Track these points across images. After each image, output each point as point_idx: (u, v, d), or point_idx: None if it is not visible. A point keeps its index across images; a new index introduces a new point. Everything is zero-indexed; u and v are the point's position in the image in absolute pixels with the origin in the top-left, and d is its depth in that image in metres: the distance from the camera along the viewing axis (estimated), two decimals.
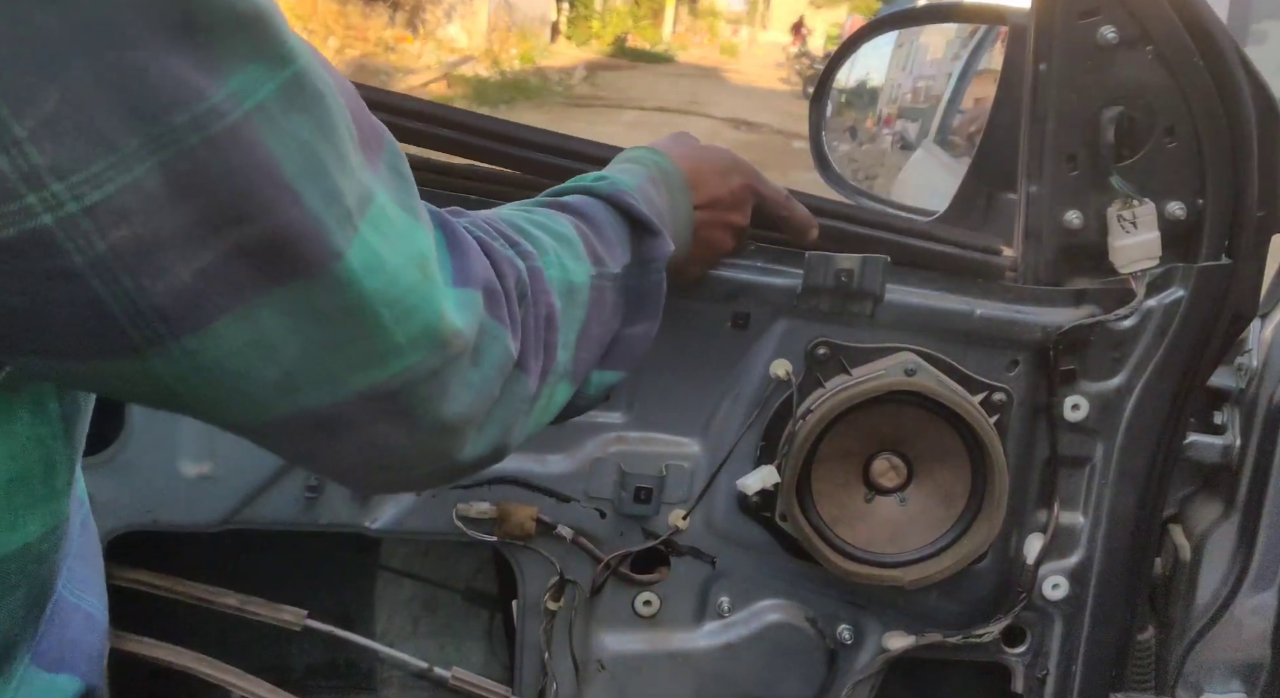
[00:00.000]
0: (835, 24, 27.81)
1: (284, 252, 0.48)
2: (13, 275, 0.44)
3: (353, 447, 0.58)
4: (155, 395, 0.51)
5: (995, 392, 1.23)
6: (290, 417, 0.54)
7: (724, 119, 14.86)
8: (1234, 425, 1.27)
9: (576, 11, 26.43)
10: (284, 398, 0.53)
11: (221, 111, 0.45)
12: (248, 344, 0.49)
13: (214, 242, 0.46)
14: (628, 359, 0.84)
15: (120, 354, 0.47)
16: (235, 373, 0.50)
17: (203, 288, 0.47)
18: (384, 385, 0.55)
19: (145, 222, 0.44)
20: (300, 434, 0.56)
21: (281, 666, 1.49)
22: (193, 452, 1.19)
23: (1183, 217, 1.17)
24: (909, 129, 2.27)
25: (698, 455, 1.26)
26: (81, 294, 0.45)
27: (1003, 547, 1.28)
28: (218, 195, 0.46)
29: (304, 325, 0.51)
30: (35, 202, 0.42)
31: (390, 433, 0.58)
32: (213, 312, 0.48)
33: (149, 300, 0.46)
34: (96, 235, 0.44)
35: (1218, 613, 1.28)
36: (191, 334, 0.48)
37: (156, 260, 0.45)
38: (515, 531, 1.24)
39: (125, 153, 0.43)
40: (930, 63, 2.23)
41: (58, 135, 0.42)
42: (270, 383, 0.51)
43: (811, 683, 1.33)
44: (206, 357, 0.49)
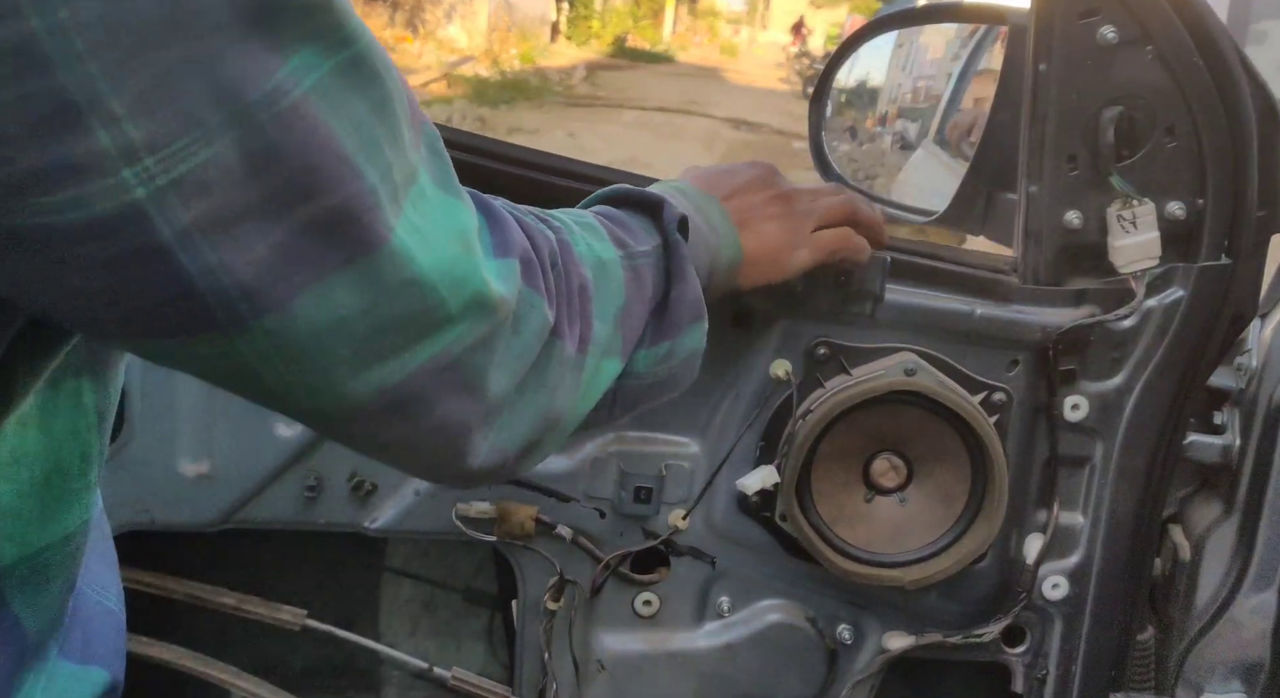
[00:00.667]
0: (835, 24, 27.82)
1: (349, 226, 0.50)
2: (104, 255, 0.45)
3: (426, 428, 0.59)
4: (238, 376, 0.53)
5: (995, 392, 1.23)
6: (366, 398, 0.55)
7: (724, 119, 14.86)
8: (1234, 425, 1.27)
9: (576, 11, 26.42)
10: (358, 377, 0.54)
11: (284, 90, 0.47)
12: (324, 322, 0.51)
13: (287, 217, 0.48)
14: (671, 327, 0.85)
15: (205, 330, 0.49)
16: (314, 353, 0.52)
17: (280, 264, 0.49)
18: (444, 355, 0.57)
19: (224, 195, 0.46)
20: (377, 418, 0.57)
21: (280, 665, 1.48)
22: (192, 451, 1.19)
23: (1182, 216, 1.17)
24: (909, 129, 2.27)
25: (697, 455, 1.25)
26: (169, 270, 0.46)
27: (1002, 547, 1.28)
28: (286, 170, 0.48)
29: (372, 300, 0.52)
30: (130, 176, 0.44)
31: (455, 409, 0.60)
32: (290, 289, 0.49)
33: (231, 275, 0.47)
34: (182, 208, 0.45)
35: (1217, 613, 1.28)
36: (271, 313, 0.49)
37: (236, 235, 0.47)
38: (515, 530, 1.24)
39: (207, 128, 0.45)
40: (930, 62, 2.23)
41: (150, 112, 0.44)
42: (345, 362, 0.53)
43: (811, 683, 1.33)
44: (286, 335, 0.50)
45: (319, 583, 1.45)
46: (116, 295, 0.47)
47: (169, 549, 1.34)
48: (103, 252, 0.45)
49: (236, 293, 0.48)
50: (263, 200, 0.47)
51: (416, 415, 0.58)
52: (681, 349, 0.87)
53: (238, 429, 1.19)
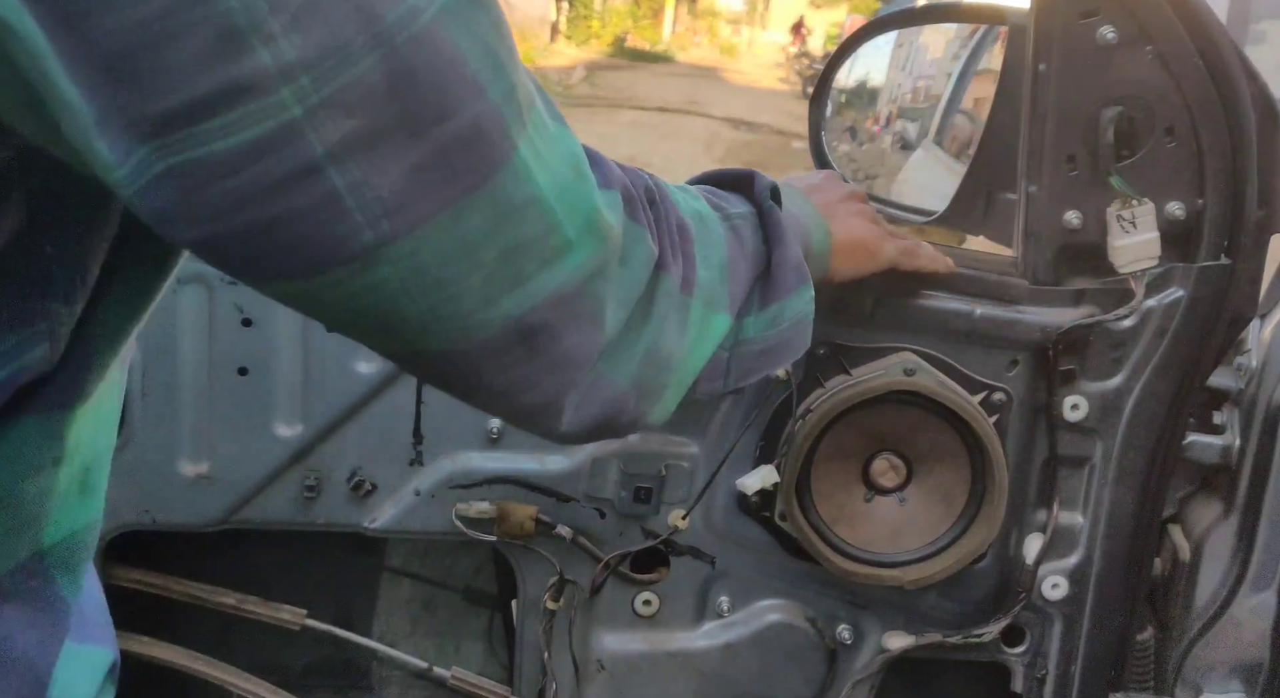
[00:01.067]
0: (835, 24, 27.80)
1: (478, 146, 0.51)
2: (269, 178, 0.47)
3: (550, 362, 0.60)
4: (376, 313, 0.53)
5: (995, 392, 1.23)
6: (497, 330, 0.56)
7: (723, 119, 14.86)
8: (1233, 426, 1.27)
9: (576, 11, 26.42)
10: (489, 307, 0.55)
11: (418, 9, 0.48)
12: (455, 246, 0.52)
13: (423, 138, 0.49)
14: (777, 290, 0.86)
15: (351, 258, 0.50)
16: (448, 279, 0.52)
17: (417, 185, 0.50)
18: (565, 283, 0.58)
19: (367, 115, 0.47)
20: (506, 352, 0.57)
21: (280, 665, 1.48)
22: (191, 452, 1.19)
23: (1182, 216, 1.17)
24: (909, 129, 2.26)
25: (697, 455, 1.26)
26: (323, 188, 0.48)
27: (1002, 547, 1.28)
28: (422, 90, 0.49)
29: (499, 224, 0.53)
30: (288, 94, 0.45)
31: (579, 341, 0.61)
32: (426, 212, 0.50)
33: (375, 193, 0.48)
34: (332, 125, 0.47)
35: (1217, 613, 1.28)
36: (408, 235, 0.50)
37: (379, 154, 0.48)
38: (515, 530, 1.24)
39: (351, 48, 0.46)
40: (930, 62, 2.23)
41: (303, 31, 0.45)
42: (475, 290, 0.54)
43: (811, 683, 1.33)
44: (421, 260, 0.51)
45: (319, 583, 1.45)
46: (277, 222, 0.48)
47: (169, 549, 1.34)
48: (266, 175, 0.46)
49: (379, 209, 0.49)
50: (401, 121, 0.48)
51: (543, 347, 0.59)
52: (790, 312, 0.88)
53: (237, 430, 1.19)
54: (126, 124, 0.45)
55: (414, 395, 1.21)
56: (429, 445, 1.23)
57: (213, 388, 1.17)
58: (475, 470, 1.24)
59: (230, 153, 0.46)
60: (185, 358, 1.16)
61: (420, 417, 1.22)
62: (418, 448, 1.23)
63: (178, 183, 0.46)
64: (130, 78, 0.44)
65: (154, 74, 0.44)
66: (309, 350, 1.18)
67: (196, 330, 1.15)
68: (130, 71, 0.44)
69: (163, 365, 1.16)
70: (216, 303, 1.15)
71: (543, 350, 0.59)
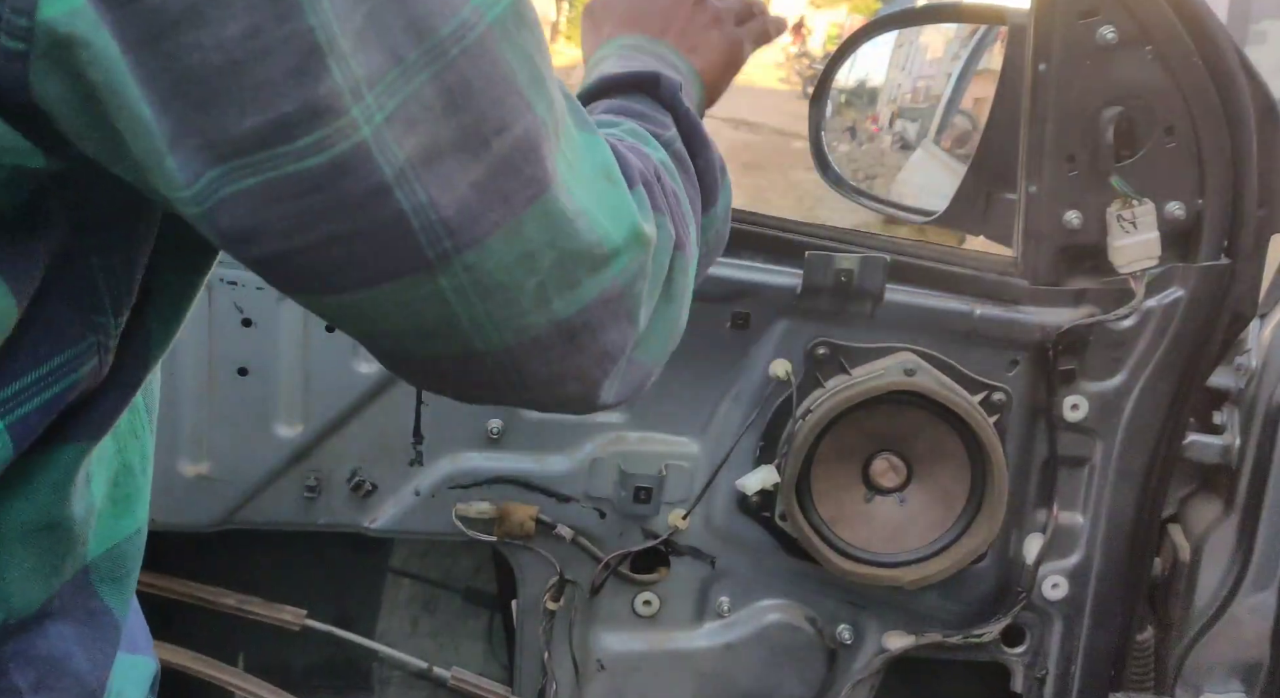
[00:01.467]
0: (835, 24, 27.77)
1: (532, 159, 0.52)
2: (340, 198, 0.47)
3: (591, 357, 0.60)
4: (432, 318, 0.53)
5: (995, 392, 1.23)
6: (544, 330, 0.57)
7: (723, 119, 14.85)
8: (1233, 425, 1.27)
9: (576, 12, 26.42)
10: (541, 310, 0.56)
11: (470, 24, 0.48)
12: (515, 256, 0.52)
13: (483, 152, 0.50)
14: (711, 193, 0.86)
15: (412, 272, 0.50)
16: (506, 286, 0.53)
17: (479, 203, 0.50)
18: (611, 287, 0.59)
19: (428, 131, 0.48)
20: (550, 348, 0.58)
21: (280, 665, 1.48)
22: (191, 452, 1.19)
23: (1182, 216, 1.17)
24: (909, 129, 2.27)
25: (697, 455, 1.25)
26: (389, 210, 0.48)
27: (1002, 547, 1.28)
28: (479, 104, 0.49)
29: (554, 235, 0.54)
30: (358, 114, 0.46)
31: (616, 337, 0.61)
32: (488, 227, 0.51)
33: (439, 213, 0.49)
34: (396, 145, 0.47)
35: (1217, 613, 1.28)
36: (471, 249, 0.50)
37: (441, 172, 0.48)
38: (515, 530, 1.24)
39: (408, 63, 0.47)
40: (930, 62, 2.23)
41: (366, 48, 0.45)
42: (530, 294, 0.54)
43: (811, 683, 1.33)
44: (482, 270, 0.51)
45: (319, 584, 1.45)
46: (341, 240, 0.48)
47: (170, 550, 1.34)
48: (337, 197, 0.47)
49: (442, 230, 0.49)
50: (460, 136, 0.49)
51: (585, 345, 0.59)
52: (721, 211, 0.88)
53: (237, 430, 1.19)
54: (201, 144, 0.44)
55: (414, 396, 1.21)
56: (429, 446, 1.23)
57: (213, 388, 1.17)
58: (475, 471, 1.24)
59: (306, 174, 0.46)
60: (185, 358, 1.16)
61: (420, 417, 1.22)
62: (418, 448, 1.23)
63: (251, 203, 0.46)
64: (209, 98, 0.44)
65: (236, 94, 0.44)
66: (309, 351, 1.18)
67: (196, 331, 1.15)
68: (210, 91, 0.44)
69: (162, 366, 1.15)
70: (216, 304, 1.15)
71: (585, 347, 0.60)
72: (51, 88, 0.43)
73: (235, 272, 1.13)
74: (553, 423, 1.24)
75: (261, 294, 1.15)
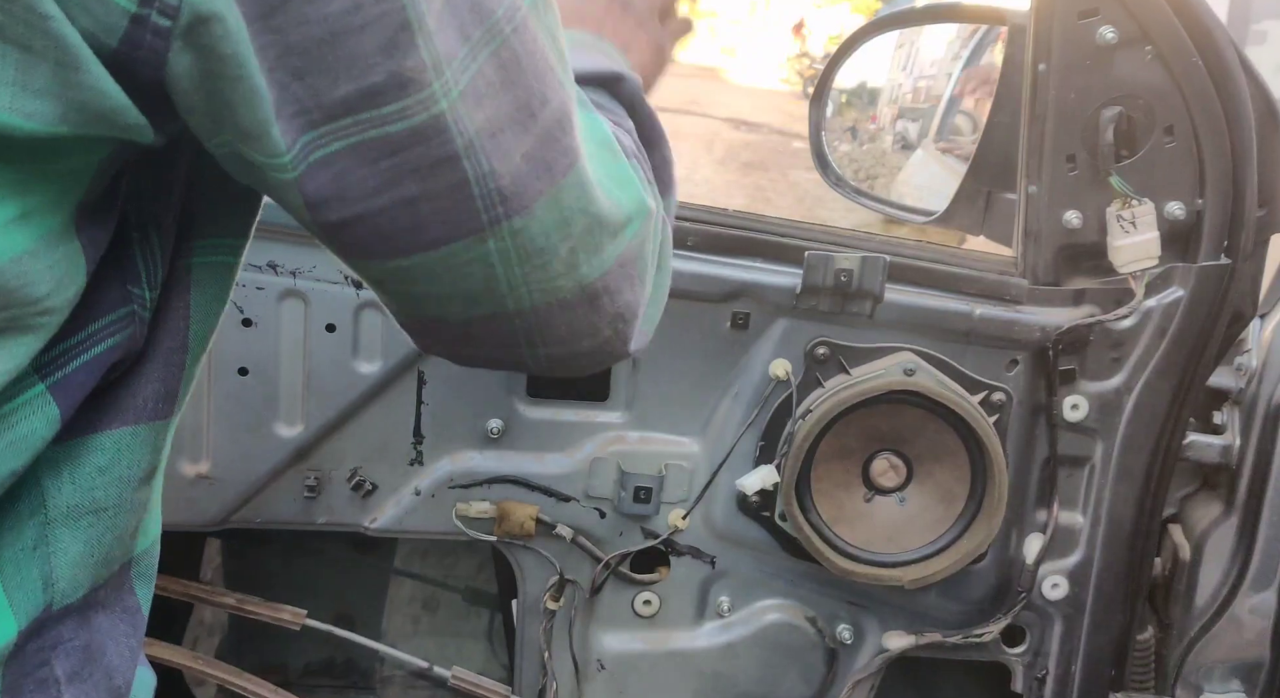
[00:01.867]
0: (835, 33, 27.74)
1: (569, 129, 0.57)
2: (415, 164, 0.51)
3: (608, 317, 0.65)
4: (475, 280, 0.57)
5: (994, 391, 1.23)
6: (571, 293, 0.61)
7: (724, 119, 14.85)
8: (1234, 425, 1.27)
9: None
10: (570, 274, 0.60)
11: (515, 5, 0.53)
12: (554, 223, 0.57)
13: (531, 126, 0.54)
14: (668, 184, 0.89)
15: (468, 236, 0.55)
16: (544, 249, 0.57)
17: (529, 172, 0.55)
18: (627, 252, 0.64)
19: (491, 106, 0.52)
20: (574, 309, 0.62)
21: (281, 665, 1.49)
22: (191, 452, 1.19)
23: (1182, 216, 1.17)
24: (909, 129, 2.26)
25: (697, 455, 1.26)
26: (456, 177, 0.52)
27: (1002, 546, 1.28)
28: (527, 80, 0.54)
29: (585, 202, 0.59)
30: (438, 88, 0.50)
31: (630, 299, 0.66)
32: (534, 194, 0.55)
33: (496, 181, 0.53)
34: (467, 119, 0.51)
35: (1217, 613, 1.28)
36: (519, 215, 0.55)
37: (501, 143, 0.53)
38: (515, 530, 1.24)
39: (474, 42, 0.51)
40: (931, 63, 2.23)
41: (444, 28, 0.49)
42: (563, 259, 0.59)
43: (811, 682, 1.33)
44: (526, 235, 0.56)
45: (319, 583, 1.45)
46: (413, 203, 0.52)
47: (169, 549, 1.34)
48: (415, 161, 0.51)
49: (498, 197, 0.54)
50: (515, 110, 0.53)
51: (603, 307, 0.64)
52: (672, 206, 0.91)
53: (237, 430, 1.19)
54: (297, 110, 0.48)
55: (414, 396, 1.21)
56: (429, 445, 1.23)
57: (213, 388, 1.17)
58: (475, 470, 1.24)
59: (388, 140, 0.50)
60: None
61: (420, 416, 1.22)
62: (418, 448, 1.23)
63: (338, 167, 0.50)
64: (309, 68, 0.47)
65: (335, 63, 0.48)
66: (309, 351, 1.18)
67: None
68: (310, 62, 0.47)
69: None
70: None
71: (603, 308, 0.64)
72: (183, 62, 0.46)
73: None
74: (553, 423, 1.24)
75: (262, 294, 1.15)
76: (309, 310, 1.16)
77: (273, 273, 1.14)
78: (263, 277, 1.14)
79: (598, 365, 0.69)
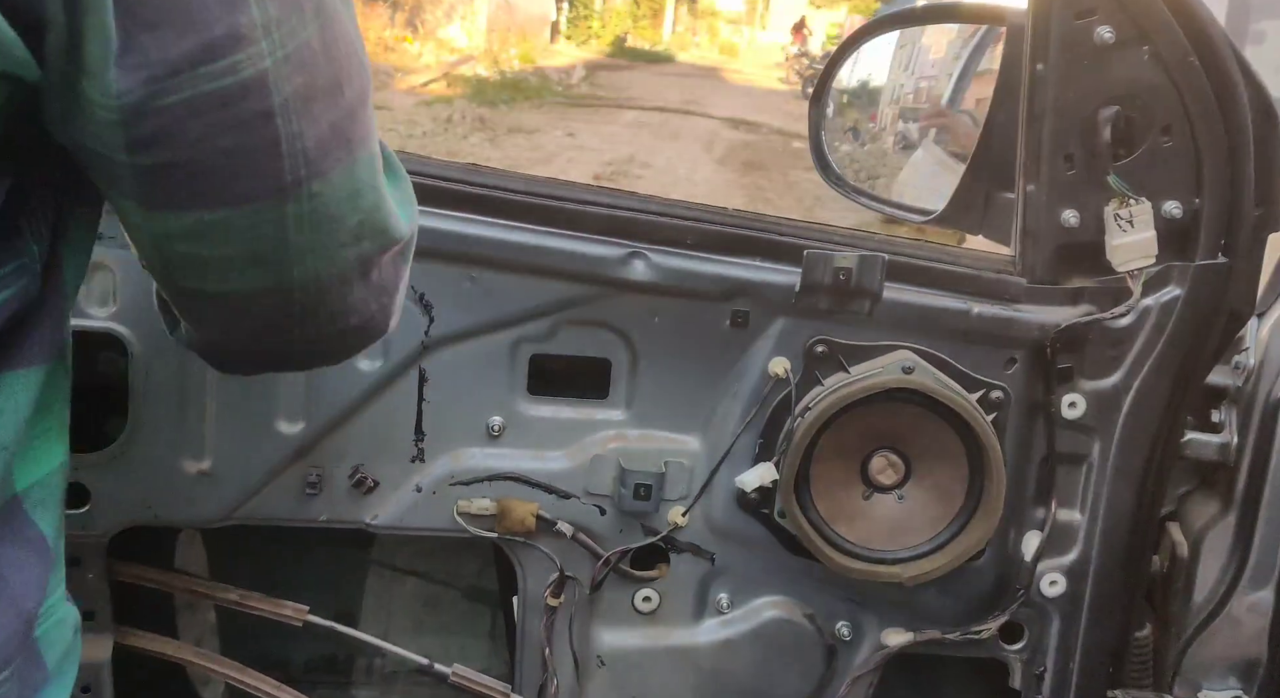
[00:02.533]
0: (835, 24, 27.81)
1: (368, 109, 0.62)
2: (237, 116, 0.56)
3: (374, 290, 0.69)
4: (268, 242, 0.62)
5: (993, 390, 1.24)
6: (353, 263, 0.66)
7: (723, 119, 14.85)
8: (1231, 423, 1.28)
9: (576, 11, 26.40)
10: (354, 246, 0.65)
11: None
12: (347, 192, 0.62)
13: (340, 100, 0.60)
14: None
15: (270, 195, 0.59)
16: (334, 218, 0.63)
17: (334, 139, 0.60)
18: (402, 237, 0.69)
19: (309, 74, 0.57)
20: (349, 283, 0.67)
21: (282, 661, 1.49)
22: (194, 449, 1.19)
23: (1179, 215, 1.18)
24: (910, 129, 2.27)
25: (697, 453, 1.26)
26: (270, 134, 0.57)
27: (1000, 544, 1.29)
28: (342, 57, 0.60)
29: (375, 177, 0.64)
30: (265, 46, 0.55)
31: (393, 277, 0.71)
32: (334, 162, 0.60)
33: (304, 143, 0.58)
34: (287, 81, 0.56)
35: (1215, 610, 1.28)
36: (319, 179, 0.60)
37: (312, 109, 0.58)
38: (516, 527, 1.24)
39: (305, 15, 0.57)
40: (932, 63, 2.23)
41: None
42: (351, 230, 0.64)
43: (810, 679, 1.33)
44: (321, 200, 0.61)
45: (321, 579, 1.46)
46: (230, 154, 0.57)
47: (172, 546, 1.35)
48: (237, 115, 0.55)
49: (303, 159, 0.59)
50: (329, 82, 0.59)
51: (371, 280, 0.68)
52: None
53: (239, 426, 1.19)
54: (140, 62, 0.52)
55: (415, 393, 1.22)
56: (430, 442, 1.23)
57: (215, 385, 1.18)
58: (476, 467, 1.24)
59: (223, 93, 0.55)
60: (188, 355, 1.16)
61: (422, 414, 1.22)
62: (419, 445, 1.23)
63: (170, 116, 0.54)
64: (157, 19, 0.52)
65: (183, 16, 0.52)
66: None
67: None
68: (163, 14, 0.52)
69: (165, 363, 1.16)
70: None
71: (374, 282, 0.69)
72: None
73: None
74: (554, 421, 1.25)
75: None
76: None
77: None
78: None
79: (359, 345, 0.74)
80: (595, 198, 1.20)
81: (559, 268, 1.18)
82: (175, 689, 1.44)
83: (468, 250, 1.16)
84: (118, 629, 1.26)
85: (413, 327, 1.18)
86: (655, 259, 1.18)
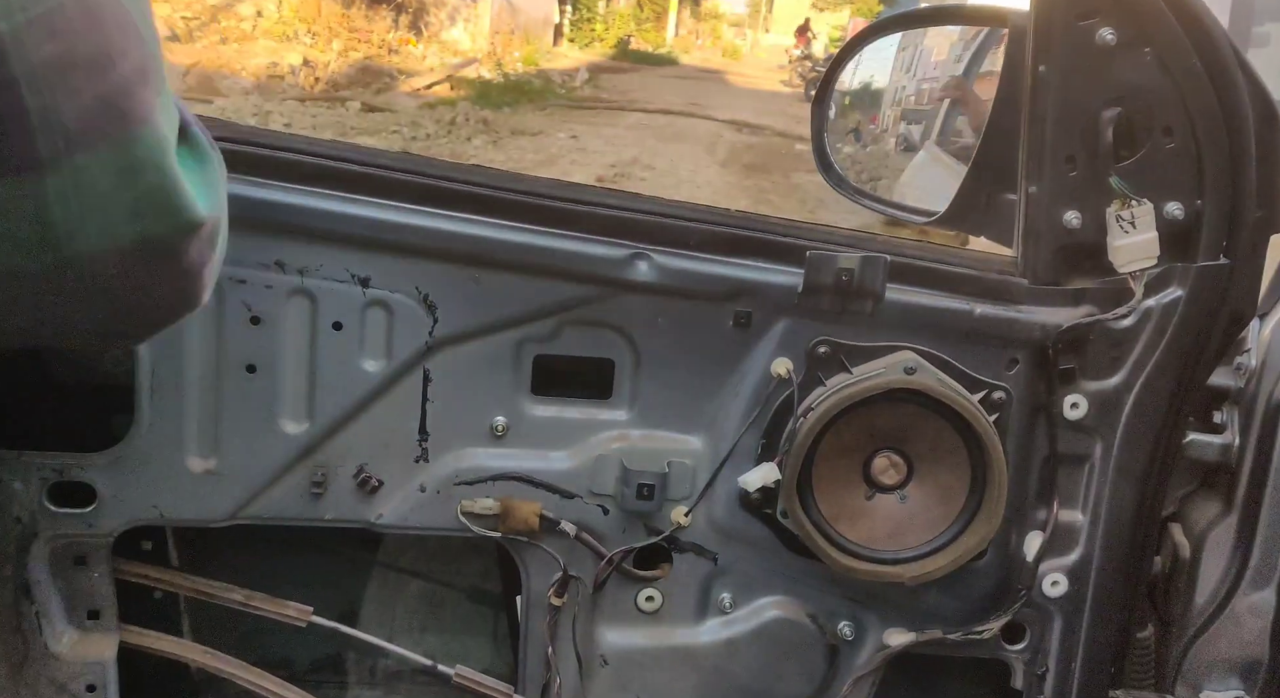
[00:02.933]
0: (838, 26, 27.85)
1: (151, 82, 0.60)
2: None
3: (172, 274, 0.67)
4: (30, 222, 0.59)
5: (995, 390, 1.24)
6: (135, 243, 0.63)
7: (726, 121, 14.86)
8: (1233, 424, 1.28)
9: (580, 14, 26.43)
10: (133, 224, 0.62)
11: None
12: (118, 170, 0.59)
13: (111, 72, 0.57)
14: None
15: (24, 170, 0.56)
16: (104, 195, 0.60)
17: (101, 113, 0.57)
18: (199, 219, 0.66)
19: (66, 42, 0.54)
20: (139, 262, 0.65)
21: (287, 661, 1.50)
22: (199, 448, 1.20)
23: (1181, 217, 1.18)
24: (913, 131, 2.27)
25: (700, 453, 1.26)
26: (13, 105, 0.54)
27: (1002, 544, 1.29)
28: (109, 29, 0.56)
29: (160, 156, 0.61)
30: (2, 6, 0.52)
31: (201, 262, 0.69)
32: (100, 136, 0.57)
33: (59, 116, 0.55)
34: (33, 47, 0.53)
35: (1216, 611, 1.29)
36: (84, 152, 0.57)
37: (71, 81, 0.55)
38: (519, 526, 1.25)
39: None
40: (934, 65, 2.24)
41: None
42: (126, 208, 0.61)
43: (812, 679, 1.34)
44: (88, 175, 0.58)
45: (325, 579, 1.46)
46: None
47: (177, 545, 1.35)
48: None
49: (60, 132, 0.56)
50: (95, 52, 0.56)
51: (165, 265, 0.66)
52: None
53: (245, 426, 1.20)
54: None
55: (420, 393, 1.22)
56: (434, 442, 1.24)
57: (221, 385, 1.18)
58: (480, 467, 1.25)
59: None
60: (193, 355, 1.17)
61: (426, 414, 1.23)
62: (423, 445, 1.24)
63: None
64: None
65: None
66: (316, 348, 1.19)
67: (205, 328, 1.16)
68: None
69: (171, 363, 1.17)
70: (225, 301, 1.16)
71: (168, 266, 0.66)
72: None
73: (244, 270, 1.15)
74: (557, 421, 1.25)
75: (269, 293, 1.16)
76: (316, 309, 1.17)
77: (280, 272, 1.15)
78: (270, 275, 1.15)
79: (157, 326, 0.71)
80: (598, 199, 1.21)
81: (562, 268, 1.18)
82: (180, 688, 1.44)
83: (471, 251, 1.17)
84: (123, 628, 1.27)
85: (417, 327, 1.19)
86: (658, 260, 1.19)
